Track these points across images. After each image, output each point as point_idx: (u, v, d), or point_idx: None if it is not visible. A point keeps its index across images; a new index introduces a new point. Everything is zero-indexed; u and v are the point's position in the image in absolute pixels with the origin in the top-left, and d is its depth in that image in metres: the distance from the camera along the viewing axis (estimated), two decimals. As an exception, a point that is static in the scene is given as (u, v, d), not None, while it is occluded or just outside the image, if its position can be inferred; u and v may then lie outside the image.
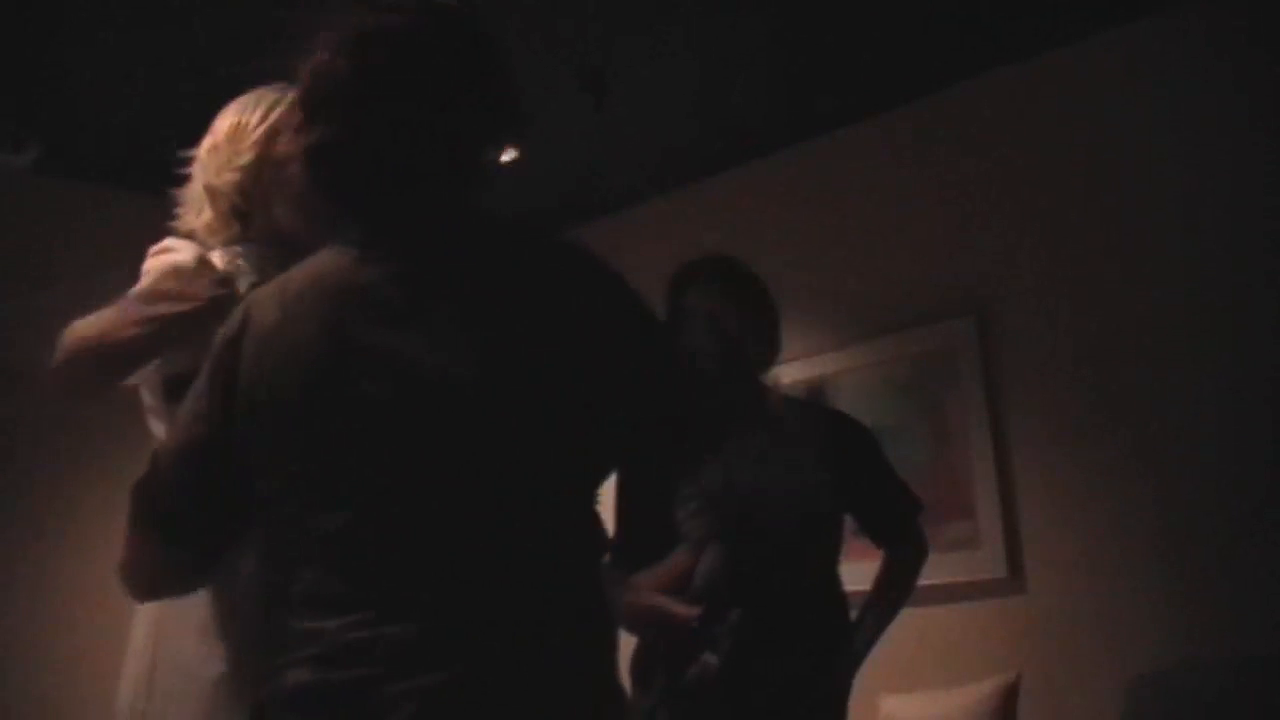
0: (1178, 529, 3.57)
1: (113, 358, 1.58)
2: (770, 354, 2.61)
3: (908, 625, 3.99)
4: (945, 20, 3.76)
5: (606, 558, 2.58)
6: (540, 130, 4.43)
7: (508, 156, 4.52)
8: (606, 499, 2.69)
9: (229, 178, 1.78)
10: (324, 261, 1.34)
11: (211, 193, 1.79)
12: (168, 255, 1.72)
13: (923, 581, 3.94)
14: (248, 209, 1.78)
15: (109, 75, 3.67)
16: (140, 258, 1.76)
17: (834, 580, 2.55)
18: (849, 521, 2.71)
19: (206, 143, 1.83)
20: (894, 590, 2.68)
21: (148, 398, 1.75)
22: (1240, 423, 3.51)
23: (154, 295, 1.59)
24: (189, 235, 1.81)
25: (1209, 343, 3.59)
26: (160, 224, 1.86)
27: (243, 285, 1.62)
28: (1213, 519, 3.51)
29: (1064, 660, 3.72)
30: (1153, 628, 3.57)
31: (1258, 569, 3.42)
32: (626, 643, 2.63)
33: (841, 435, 2.64)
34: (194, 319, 1.54)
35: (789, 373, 4.35)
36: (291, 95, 1.69)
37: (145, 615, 1.61)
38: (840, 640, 2.52)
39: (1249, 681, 3.36)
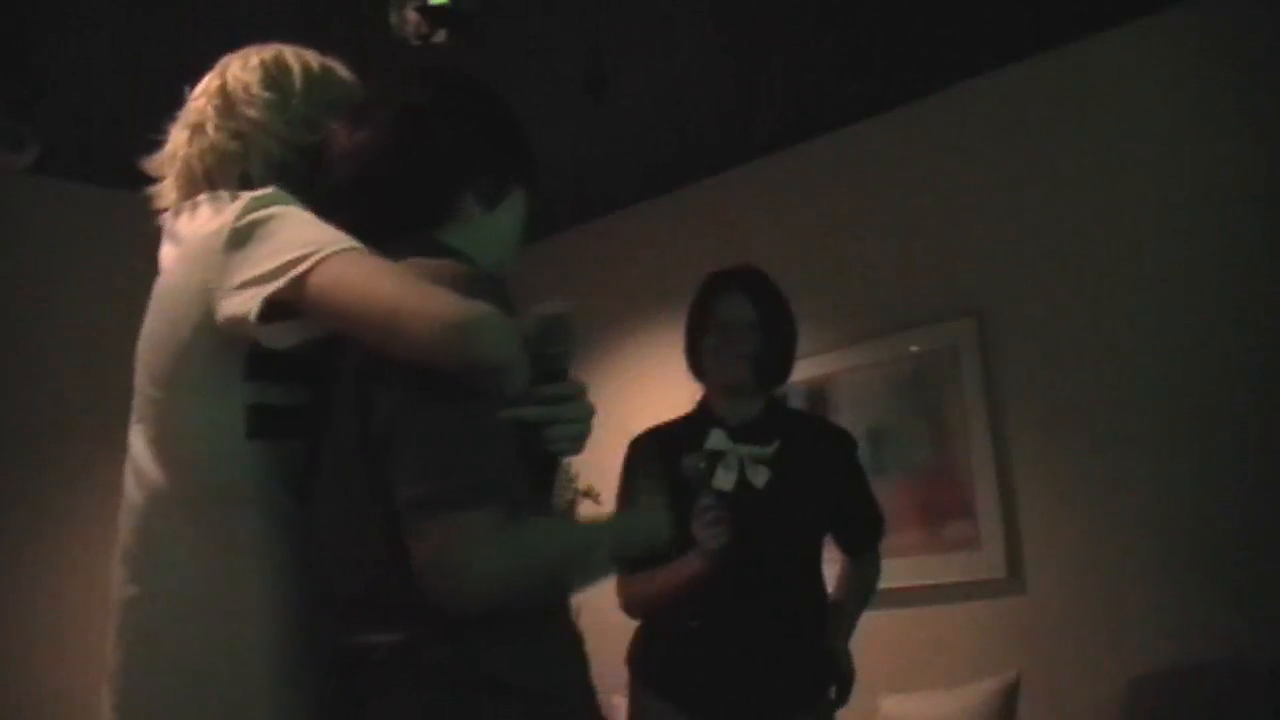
0: (1177, 529, 3.57)
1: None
2: (786, 372, 2.70)
3: (908, 625, 4.03)
4: (945, 20, 3.76)
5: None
6: (540, 130, 4.45)
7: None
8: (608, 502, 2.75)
9: (303, 134, 1.55)
10: None
11: (271, 140, 1.54)
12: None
13: (923, 581, 4.00)
14: (296, 163, 1.53)
15: (109, 75, 3.67)
16: (139, 258, 1.64)
17: (818, 575, 2.66)
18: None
19: (262, 83, 1.57)
20: (858, 598, 2.79)
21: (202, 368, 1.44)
22: (1240, 423, 3.51)
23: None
24: (203, 177, 1.54)
25: (1209, 342, 3.59)
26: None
27: None
28: (1212, 519, 3.51)
29: (1064, 660, 3.72)
30: (1153, 628, 3.57)
31: (1257, 569, 3.42)
32: (622, 636, 2.66)
33: (837, 453, 2.72)
34: None
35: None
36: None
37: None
38: (821, 624, 2.64)
39: (1248, 681, 3.36)
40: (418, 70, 1.57)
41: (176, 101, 1.62)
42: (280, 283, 1.34)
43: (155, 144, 1.62)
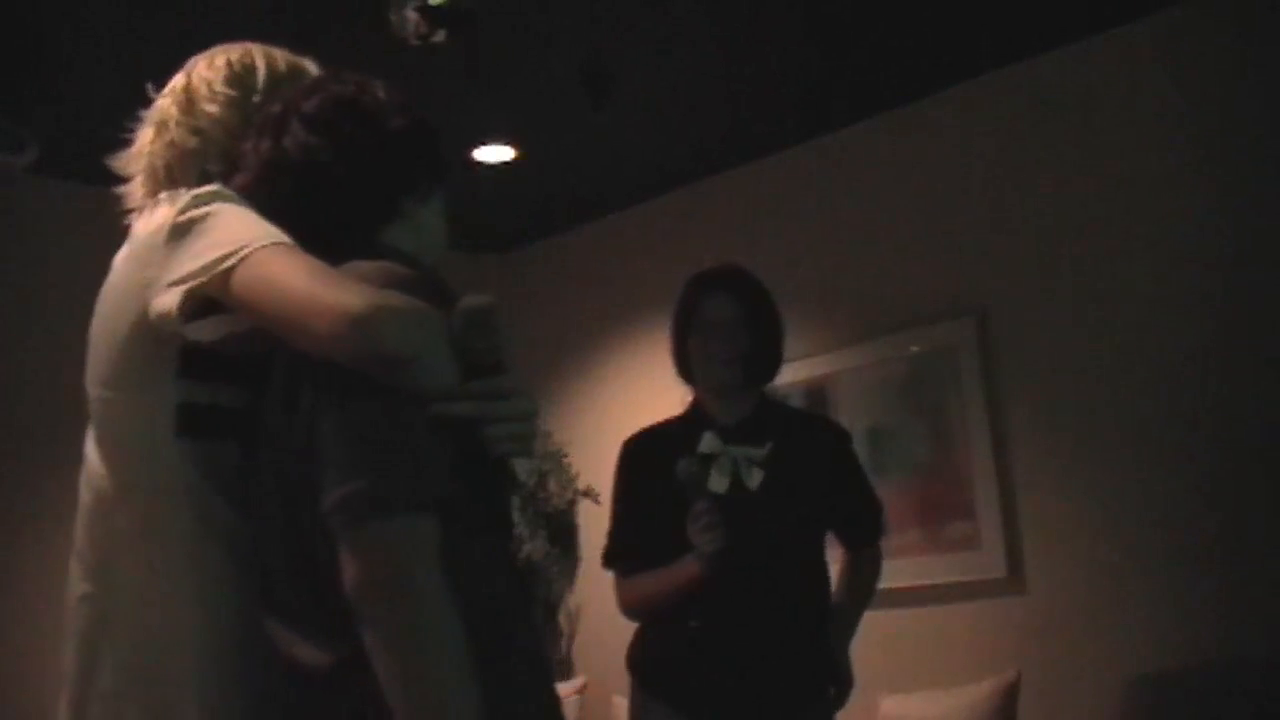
0: (1177, 529, 3.57)
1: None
2: (776, 368, 2.69)
3: (908, 625, 4.03)
4: (945, 20, 3.76)
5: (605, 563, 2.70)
6: (540, 130, 4.46)
7: (507, 156, 4.54)
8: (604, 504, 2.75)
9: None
10: None
11: (230, 137, 1.54)
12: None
13: (923, 581, 4.01)
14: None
15: (109, 75, 3.67)
16: None
17: (822, 570, 2.67)
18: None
19: (224, 81, 1.58)
20: (859, 596, 2.81)
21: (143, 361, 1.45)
22: (1240, 422, 3.51)
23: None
24: (165, 175, 1.56)
25: (1208, 342, 3.59)
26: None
27: None
28: (1212, 519, 3.51)
29: (1064, 660, 3.72)
30: (1153, 628, 3.57)
31: (1256, 569, 3.42)
32: (624, 637, 2.67)
33: (832, 448, 2.71)
34: None
35: (789, 373, 4.35)
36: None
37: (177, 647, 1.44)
38: (823, 622, 2.64)
39: (1247, 681, 3.36)
40: (324, 79, 1.54)
41: (147, 101, 1.63)
42: (203, 278, 1.34)
43: (124, 143, 1.63)
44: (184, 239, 1.39)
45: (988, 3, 3.66)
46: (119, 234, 1.60)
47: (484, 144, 4.43)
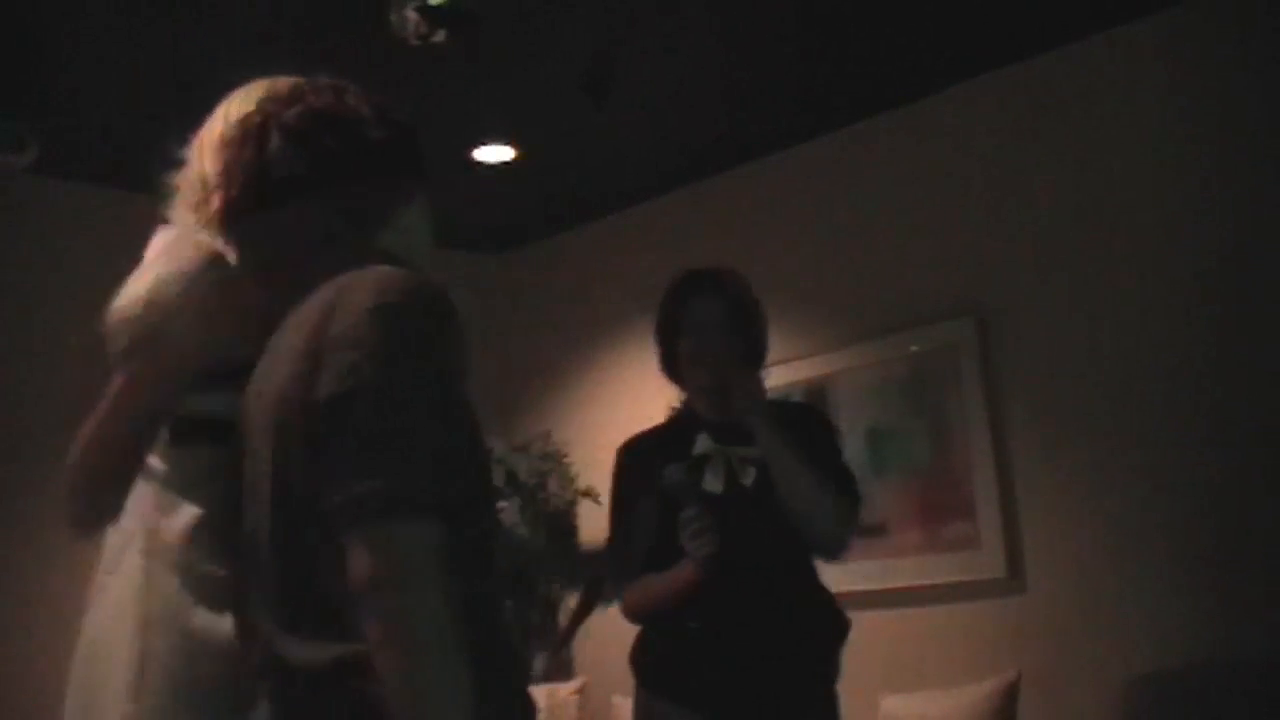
0: (1178, 529, 3.57)
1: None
2: (762, 361, 2.71)
3: (908, 625, 4.03)
4: (945, 20, 3.76)
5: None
6: (540, 130, 4.46)
7: (506, 156, 4.54)
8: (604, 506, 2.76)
9: None
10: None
11: None
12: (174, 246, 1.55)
13: (923, 581, 4.01)
14: None
15: (109, 75, 3.67)
16: (139, 258, 1.68)
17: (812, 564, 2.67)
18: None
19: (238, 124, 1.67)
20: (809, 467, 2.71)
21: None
22: (1240, 423, 3.51)
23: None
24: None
25: (1209, 342, 3.59)
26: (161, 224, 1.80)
27: None
28: (1213, 519, 3.51)
29: (1064, 660, 3.72)
30: (1153, 628, 3.57)
31: (1257, 569, 3.42)
32: (623, 638, 2.67)
33: (811, 432, 2.71)
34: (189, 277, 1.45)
35: (789, 373, 4.36)
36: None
37: (124, 616, 1.50)
38: (821, 618, 2.63)
39: (1247, 681, 3.37)
40: (303, 88, 1.54)
41: (177, 103, 1.65)
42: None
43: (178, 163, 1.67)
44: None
45: (988, 3, 3.66)
46: (119, 234, 1.63)
47: (484, 144, 4.43)
